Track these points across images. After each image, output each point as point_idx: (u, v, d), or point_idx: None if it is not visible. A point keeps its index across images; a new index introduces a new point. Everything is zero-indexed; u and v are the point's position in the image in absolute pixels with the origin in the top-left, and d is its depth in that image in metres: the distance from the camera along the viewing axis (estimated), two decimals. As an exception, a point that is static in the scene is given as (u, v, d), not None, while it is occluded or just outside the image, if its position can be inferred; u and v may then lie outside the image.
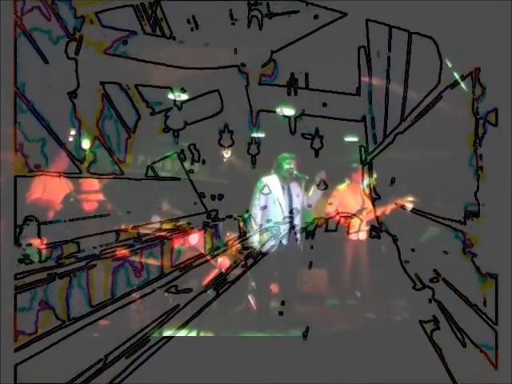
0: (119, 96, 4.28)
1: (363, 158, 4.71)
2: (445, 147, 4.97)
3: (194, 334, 4.61)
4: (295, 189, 5.45)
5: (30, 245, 3.99)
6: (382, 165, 4.69)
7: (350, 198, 5.92)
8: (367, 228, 5.42)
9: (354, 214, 5.48)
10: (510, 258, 4.16)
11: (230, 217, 4.89)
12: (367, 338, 4.58)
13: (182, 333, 4.24)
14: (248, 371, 4.03)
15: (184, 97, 4.43)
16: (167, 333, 4.21)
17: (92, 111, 4.18)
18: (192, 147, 4.53)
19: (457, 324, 4.18)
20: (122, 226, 4.56)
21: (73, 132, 4.19)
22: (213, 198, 4.61)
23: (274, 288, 5.62)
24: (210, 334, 4.87)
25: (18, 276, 3.84)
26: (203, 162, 4.56)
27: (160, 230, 4.89)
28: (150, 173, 4.49)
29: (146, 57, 4.24)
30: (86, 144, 4.21)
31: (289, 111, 4.61)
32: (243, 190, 5.55)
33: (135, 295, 4.37)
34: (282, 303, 4.81)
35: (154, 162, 4.64)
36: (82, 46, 4.01)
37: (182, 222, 4.94)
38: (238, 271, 4.90)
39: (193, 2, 4.22)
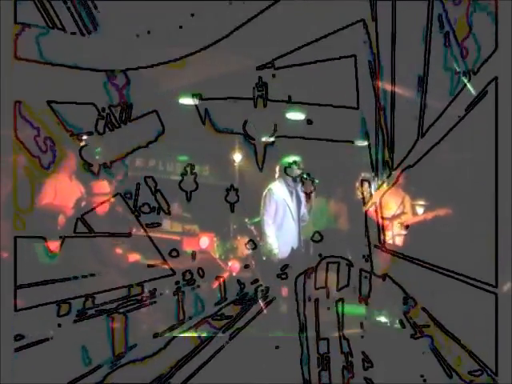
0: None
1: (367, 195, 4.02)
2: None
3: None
4: (302, 193, 5.24)
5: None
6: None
7: (392, 199, 5.26)
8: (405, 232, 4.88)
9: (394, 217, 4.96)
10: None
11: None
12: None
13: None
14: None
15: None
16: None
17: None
18: (149, 179, 3.35)
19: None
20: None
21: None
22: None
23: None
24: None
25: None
26: (169, 212, 3.45)
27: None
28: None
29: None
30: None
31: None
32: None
33: None
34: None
35: (85, 214, 3.51)
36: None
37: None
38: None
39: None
